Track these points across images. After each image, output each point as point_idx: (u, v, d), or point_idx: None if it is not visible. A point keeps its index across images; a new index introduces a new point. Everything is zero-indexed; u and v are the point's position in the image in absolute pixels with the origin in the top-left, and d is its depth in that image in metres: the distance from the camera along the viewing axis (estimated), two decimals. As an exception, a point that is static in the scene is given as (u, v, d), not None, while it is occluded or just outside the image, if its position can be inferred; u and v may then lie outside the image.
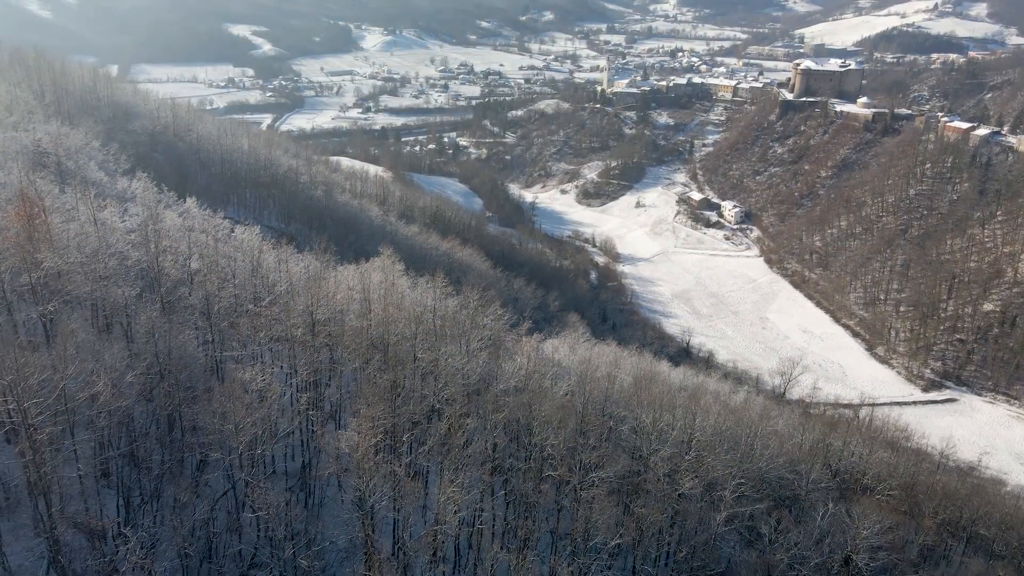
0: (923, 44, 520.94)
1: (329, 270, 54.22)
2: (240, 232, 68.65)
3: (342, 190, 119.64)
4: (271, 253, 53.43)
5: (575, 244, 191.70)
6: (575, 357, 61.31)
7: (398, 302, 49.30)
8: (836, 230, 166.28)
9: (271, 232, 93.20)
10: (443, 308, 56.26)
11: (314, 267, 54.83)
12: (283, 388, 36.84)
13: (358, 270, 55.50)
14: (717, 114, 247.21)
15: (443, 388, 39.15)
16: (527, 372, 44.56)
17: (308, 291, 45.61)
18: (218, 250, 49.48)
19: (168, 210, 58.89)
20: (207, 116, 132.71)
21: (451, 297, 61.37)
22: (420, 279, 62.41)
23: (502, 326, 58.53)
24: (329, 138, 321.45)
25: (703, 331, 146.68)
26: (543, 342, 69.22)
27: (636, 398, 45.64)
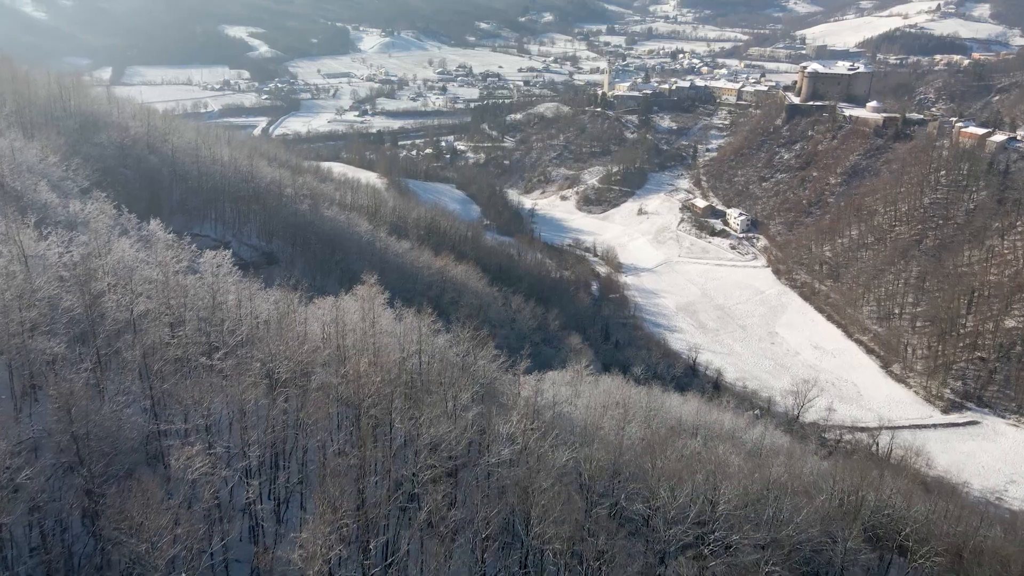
0: (926, 45, 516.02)
1: (298, 311, 47.88)
2: (209, 258, 62.62)
3: (330, 202, 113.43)
4: (234, 290, 47.09)
5: (576, 253, 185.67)
6: (579, 401, 55.13)
7: (376, 351, 43.12)
8: (847, 240, 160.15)
9: (251, 251, 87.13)
10: (430, 347, 50.14)
11: (283, 304, 48.58)
12: (228, 474, 30.57)
13: (335, 305, 49.19)
14: (721, 118, 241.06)
15: (422, 467, 32.92)
16: (524, 435, 38.39)
17: (270, 340, 39.43)
18: (170, 287, 43.16)
19: (124, 238, 52.54)
20: (186, 124, 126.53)
21: (440, 334, 55.33)
22: (407, 311, 55.92)
23: (497, 369, 52.33)
24: (325, 142, 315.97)
25: (710, 346, 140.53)
26: (542, 380, 63.06)
27: (650, 465, 39.49)
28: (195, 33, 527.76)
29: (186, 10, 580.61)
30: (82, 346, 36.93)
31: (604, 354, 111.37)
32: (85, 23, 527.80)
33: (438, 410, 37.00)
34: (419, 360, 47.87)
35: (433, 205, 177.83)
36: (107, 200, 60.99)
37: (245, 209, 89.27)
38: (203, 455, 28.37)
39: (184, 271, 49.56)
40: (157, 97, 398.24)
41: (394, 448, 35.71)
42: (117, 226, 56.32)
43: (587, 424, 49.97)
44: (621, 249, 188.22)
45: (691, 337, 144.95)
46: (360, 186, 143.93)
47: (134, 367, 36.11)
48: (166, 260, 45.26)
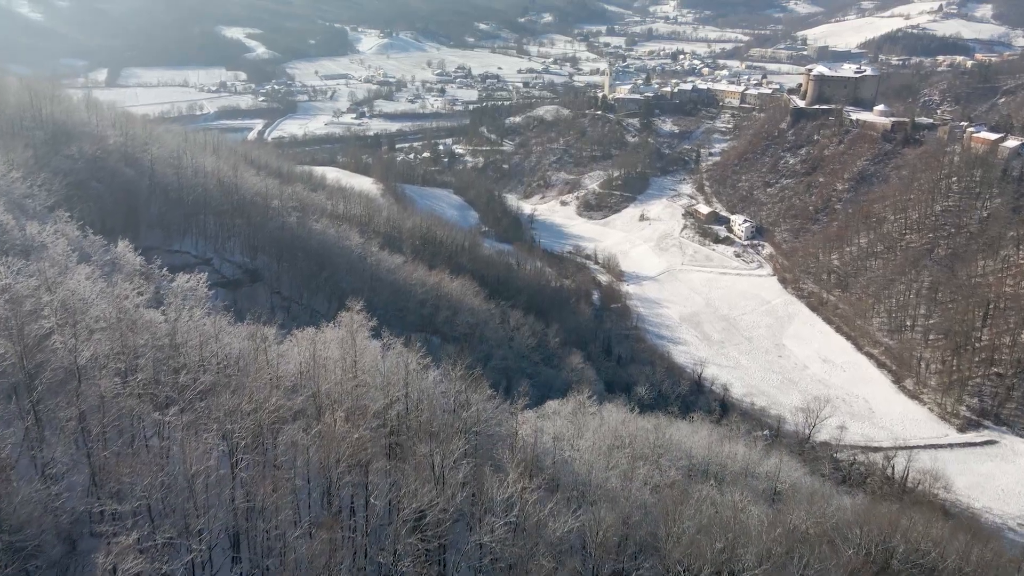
0: (928, 46, 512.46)
1: (271, 349, 43.10)
2: (181, 282, 57.98)
3: (321, 213, 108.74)
4: (199, 327, 42.27)
5: (576, 261, 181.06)
6: (582, 443, 50.43)
7: (356, 397, 38.50)
8: (855, 248, 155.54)
9: (234, 268, 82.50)
10: (418, 388, 45.50)
11: (254, 342, 43.83)
12: (171, 571, 25.85)
13: (313, 340, 44.52)
14: (724, 121, 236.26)
15: (404, 548, 28.28)
16: (521, 497, 33.77)
17: (232, 394, 34.68)
18: (126, 326, 38.39)
19: (84, 265, 47.96)
20: (169, 132, 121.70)
21: (430, 369, 50.63)
22: (396, 342, 51.16)
23: (494, 409, 47.62)
24: (321, 145, 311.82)
25: (715, 359, 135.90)
26: (543, 414, 58.49)
27: (664, 533, 34.91)
28: (193, 34, 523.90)
29: (184, 11, 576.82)
30: (16, 401, 32.36)
31: (606, 371, 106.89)
32: (82, 24, 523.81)
33: (424, 474, 32.43)
34: (405, 405, 43.28)
35: (429, 213, 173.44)
36: (71, 220, 56.42)
37: (229, 223, 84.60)
38: (135, 550, 23.78)
39: (147, 303, 44.94)
40: (152, 99, 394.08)
41: (372, 522, 31.08)
42: (78, 251, 51.71)
43: (592, 472, 45.44)
44: (622, 256, 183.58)
45: (695, 350, 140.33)
46: (353, 194, 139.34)
47: (73, 429, 31.50)
48: (124, 293, 40.55)
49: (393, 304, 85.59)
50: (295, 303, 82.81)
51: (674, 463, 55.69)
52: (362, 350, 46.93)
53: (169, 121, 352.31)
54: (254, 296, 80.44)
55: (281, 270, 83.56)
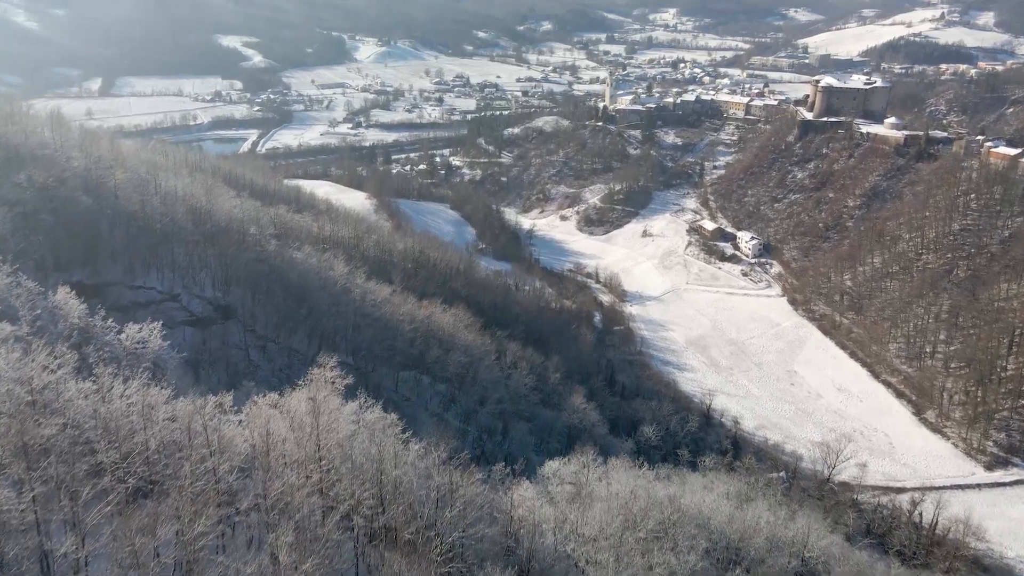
0: (931, 54, 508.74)
1: (218, 431, 35.97)
2: (131, 334, 51.02)
3: (306, 237, 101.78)
4: (130, 405, 35.12)
5: (577, 280, 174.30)
6: (586, 529, 43.36)
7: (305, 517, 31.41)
8: (869, 268, 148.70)
9: (204, 304, 75.52)
10: (394, 474, 38.43)
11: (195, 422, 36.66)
12: None
13: (267, 422, 37.40)
14: (728, 133, 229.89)
15: None
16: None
17: (154, 508, 27.67)
18: (26, 418, 31.23)
19: (3, 324, 41.00)
20: (143, 150, 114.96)
21: (411, 442, 43.70)
22: (373, 406, 44.27)
23: (484, 495, 40.63)
24: (316, 156, 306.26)
25: (724, 388, 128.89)
26: (543, 488, 51.38)
27: None
28: (188, 43, 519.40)
29: (180, 20, 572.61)
30: None
31: (610, 407, 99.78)
32: (77, 33, 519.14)
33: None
34: (379, 497, 36.27)
35: (423, 232, 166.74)
36: (2, 263, 49.41)
37: (201, 254, 77.64)
38: None
39: (69, 376, 37.80)
40: (146, 108, 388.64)
41: None
42: (2, 304, 44.74)
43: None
44: (625, 275, 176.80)
45: (703, 377, 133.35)
46: (341, 215, 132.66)
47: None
48: (30, 375, 33.30)
49: (379, 344, 78.71)
50: (272, 342, 75.82)
51: (692, 543, 48.76)
52: (330, 424, 39.72)
53: (162, 131, 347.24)
54: (226, 335, 73.48)
55: (256, 306, 76.56)
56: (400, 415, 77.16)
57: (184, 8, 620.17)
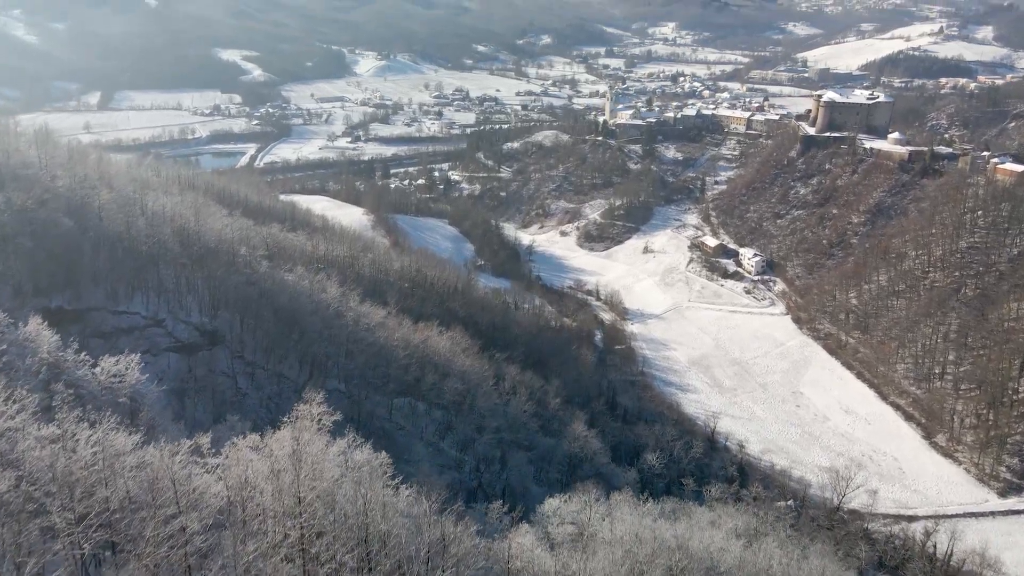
0: (930, 68, 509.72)
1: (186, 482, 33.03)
2: (107, 367, 48.21)
3: (299, 257, 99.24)
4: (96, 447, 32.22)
5: (577, 298, 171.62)
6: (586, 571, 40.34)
7: None
8: (874, 286, 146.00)
9: (190, 330, 72.68)
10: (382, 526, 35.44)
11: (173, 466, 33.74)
12: None
13: (245, 469, 34.50)
14: (730, 148, 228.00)
15: None
16: None
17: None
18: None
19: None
20: (131, 168, 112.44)
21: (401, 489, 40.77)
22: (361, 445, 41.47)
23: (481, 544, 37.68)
24: (314, 170, 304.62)
25: (728, 410, 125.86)
26: (542, 531, 48.39)
27: None
28: (189, 57, 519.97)
29: (180, 34, 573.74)
30: None
31: (612, 432, 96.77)
32: (77, 47, 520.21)
33: None
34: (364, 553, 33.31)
35: (422, 247, 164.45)
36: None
37: (189, 277, 74.91)
38: None
39: (30, 421, 34.96)
40: (145, 122, 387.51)
41: None
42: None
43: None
44: (626, 292, 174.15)
45: (706, 398, 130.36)
46: (336, 233, 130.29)
47: None
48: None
49: (372, 371, 75.89)
50: (261, 369, 72.94)
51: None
52: (313, 471, 36.73)
53: (160, 145, 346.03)
54: (213, 362, 70.67)
55: (245, 331, 73.75)
56: (394, 445, 74.24)
57: (184, 22, 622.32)
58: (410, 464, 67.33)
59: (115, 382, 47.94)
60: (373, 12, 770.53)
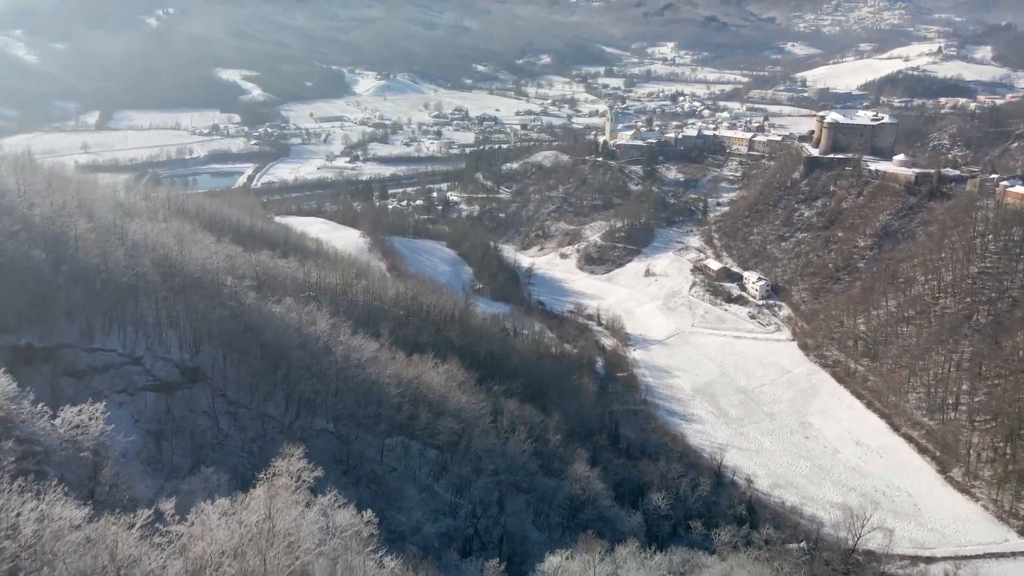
0: (930, 88, 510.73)
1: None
2: (68, 417, 44.30)
3: (289, 285, 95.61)
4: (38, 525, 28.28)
5: (577, 322, 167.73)
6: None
7: None
8: (883, 312, 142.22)
9: (169, 367, 68.73)
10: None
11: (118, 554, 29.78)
12: None
13: (210, 544, 30.55)
14: (732, 169, 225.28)
15: None
16: None
17: None
18: None
19: None
20: (115, 193, 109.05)
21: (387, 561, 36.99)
22: (343, 505, 37.58)
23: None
24: (312, 190, 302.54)
25: (735, 441, 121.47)
26: None
27: None
28: (189, 76, 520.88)
29: (180, 54, 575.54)
30: None
31: (615, 469, 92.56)
32: (77, 67, 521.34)
33: None
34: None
35: (419, 271, 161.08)
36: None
37: (170, 310, 71.08)
38: None
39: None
40: (143, 142, 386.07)
41: None
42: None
43: None
44: (627, 316, 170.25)
45: (712, 429, 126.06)
46: (331, 256, 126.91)
47: None
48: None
49: (362, 411, 71.87)
50: (244, 408, 68.78)
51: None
52: (288, 540, 32.78)
53: (157, 165, 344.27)
54: (193, 401, 66.52)
55: (228, 367, 69.68)
56: (385, 489, 69.85)
57: (184, 42, 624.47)
58: (402, 512, 63.22)
59: (77, 434, 43.88)
60: (373, 32, 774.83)
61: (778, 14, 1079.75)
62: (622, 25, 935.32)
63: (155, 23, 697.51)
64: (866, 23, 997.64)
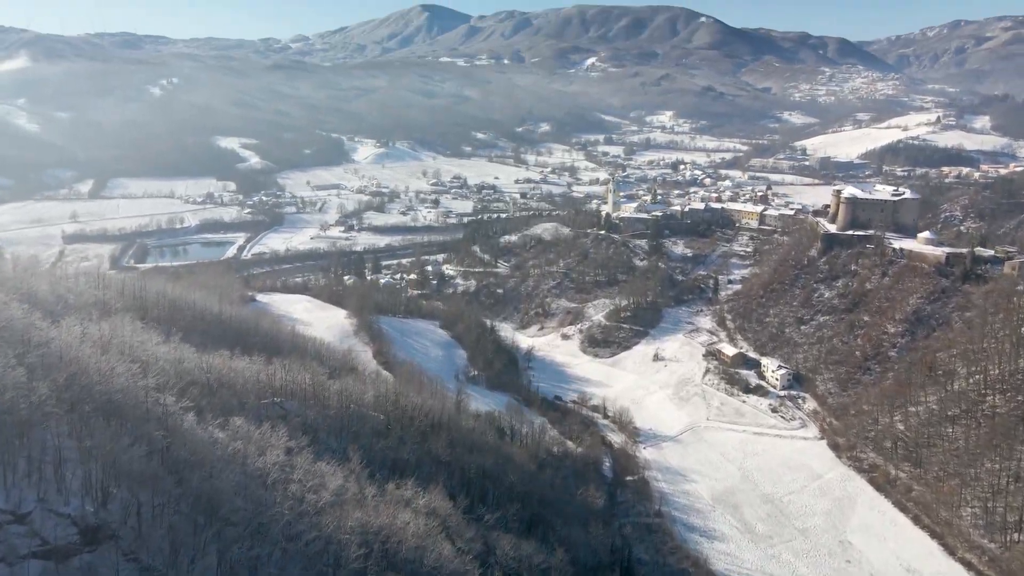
0: (932, 157, 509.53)
1: None
2: None
3: (251, 389, 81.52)
4: None
5: (581, 414, 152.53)
6: None
7: None
8: (923, 409, 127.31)
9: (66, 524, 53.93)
10: None
11: None
12: None
13: None
14: (742, 244, 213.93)
15: None
16: None
17: None
18: None
19: None
20: (58, 282, 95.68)
21: None
22: None
23: None
24: (303, 261, 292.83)
25: (766, 566, 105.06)
26: None
27: None
28: (187, 144, 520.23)
29: (182, 123, 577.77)
30: None
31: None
32: (77, 136, 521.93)
33: None
34: None
35: (407, 360, 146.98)
36: None
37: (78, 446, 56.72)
38: None
39: None
40: (135, 211, 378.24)
41: None
42: None
43: None
44: (636, 407, 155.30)
45: (738, 549, 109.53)
46: (310, 348, 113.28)
47: None
48: None
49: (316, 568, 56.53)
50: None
51: None
52: None
53: (146, 235, 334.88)
54: (94, 571, 51.60)
55: (144, 522, 54.90)
56: None
57: (187, 111, 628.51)
58: None
59: None
60: (375, 101, 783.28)
61: (773, 84, 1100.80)
62: (620, 94, 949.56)
63: (159, 92, 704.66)
64: (860, 93, 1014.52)
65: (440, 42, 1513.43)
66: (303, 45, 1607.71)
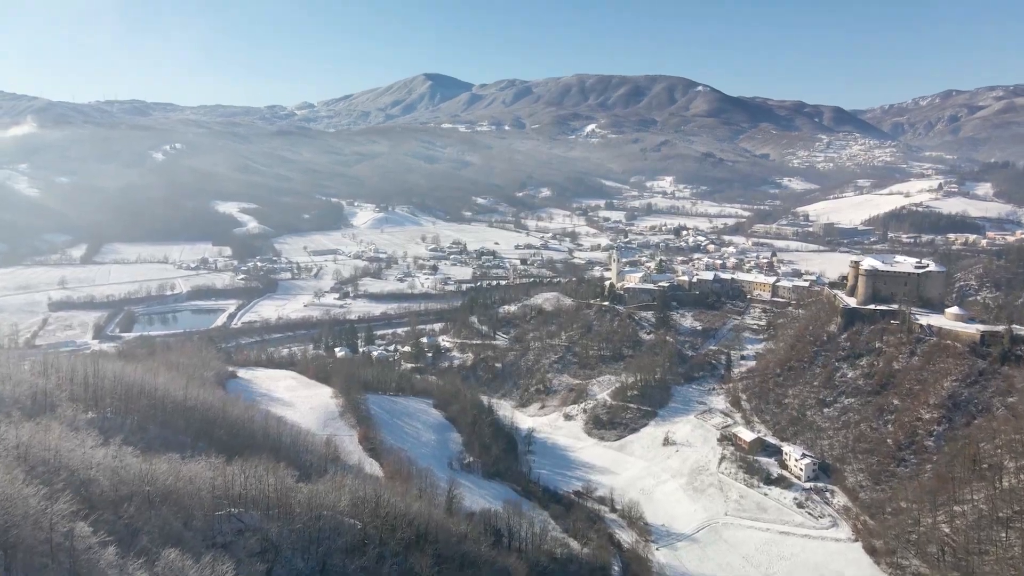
0: (936, 223, 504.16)
1: None
2: None
3: (206, 498, 68.89)
4: None
5: (587, 507, 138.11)
6: None
7: None
8: (970, 508, 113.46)
9: None
10: None
11: None
12: None
13: None
14: (755, 317, 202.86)
15: None
16: None
17: None
18: None
19: None
20: None
21: None
22: None
23: None
24: (295, 330, 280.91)
25: None
26: None
27: None
28: (185, 209, 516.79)
29: (183, 187, 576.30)
30: None
31: None
32: (76, 200, 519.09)
33: None
34: None
35: (395, 446, 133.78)
36: None
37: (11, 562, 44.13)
38: None
39: None
40: (127, 277, 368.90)
41: None
42: None
43: None
44: (646, 499, 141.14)
45: None
46: (285, 437, 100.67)
47: None
48: None
49: None
50: None
51: None
52: None
53: (135, 302, 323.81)
54: None
55: None
56: None
57: (187, 176, 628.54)
58: None
59: None
60: (376, 166, 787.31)
61: (771, 151, 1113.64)
62: (620, 160, 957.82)
63: (161, 157, 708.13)
64: (859, 160, 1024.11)
65: (442, 109, 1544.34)
66: (308, 112, 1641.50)
